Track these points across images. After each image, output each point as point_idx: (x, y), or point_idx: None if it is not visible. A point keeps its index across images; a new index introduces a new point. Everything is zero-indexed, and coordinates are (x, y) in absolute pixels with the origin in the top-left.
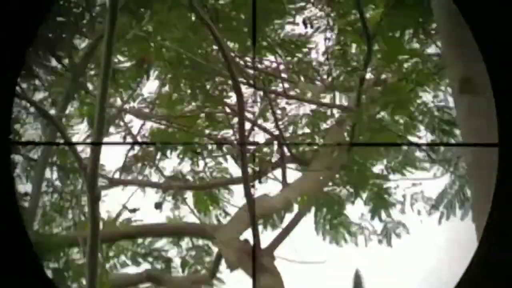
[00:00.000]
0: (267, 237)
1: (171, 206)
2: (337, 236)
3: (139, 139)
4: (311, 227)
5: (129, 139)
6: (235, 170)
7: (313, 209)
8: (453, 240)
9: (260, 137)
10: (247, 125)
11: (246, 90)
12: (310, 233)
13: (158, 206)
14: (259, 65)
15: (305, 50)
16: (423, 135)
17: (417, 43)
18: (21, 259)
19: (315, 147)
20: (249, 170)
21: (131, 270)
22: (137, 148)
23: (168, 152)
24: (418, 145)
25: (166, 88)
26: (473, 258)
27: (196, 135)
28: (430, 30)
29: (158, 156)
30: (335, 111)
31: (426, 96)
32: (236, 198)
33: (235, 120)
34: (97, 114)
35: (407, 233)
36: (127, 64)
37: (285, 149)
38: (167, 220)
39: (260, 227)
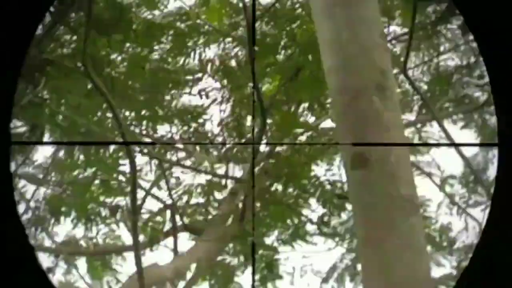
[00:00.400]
0: None
1: (63, 271)
2: None
3: (32, 204)
4: None
5: (23, 204)
6: (127, 238)
7: (206, 278)
8: None
9: (153, 205)
10: (141, 193)
11: (141, 158)
12: None
13: (50, 270)
14: (154, 135)
15: (200, 120)
16: (315, 208)
17: (313, 116)
18: (21, 259)
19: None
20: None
21: None
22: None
23: (62, 218)
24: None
25: (61, 154)
26: (472, 258)
27: (90, 201)
28: (326, 103)
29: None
30: (229, 182)
31: (319, 170)
32: (128, 265)
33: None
34: None
35: None
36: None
37: (178, 218)
38: (59, 285)
39: None
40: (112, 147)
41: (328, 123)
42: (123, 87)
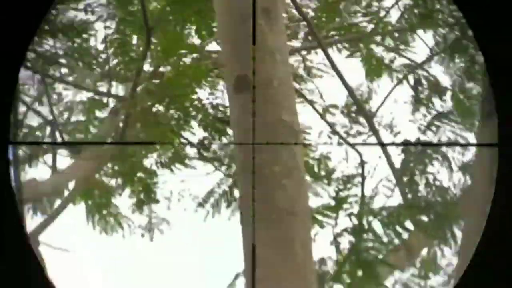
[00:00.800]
0: (36, 222)
1: None
2: (106, 226)
3: None
4: (83, 215)
5: None
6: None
7: (83, 198)
8: (218, 239)
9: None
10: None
11: (24, 72)
12: (80, 221)
13: None
14: (39, 49)
15: (85, 36)
16: (196, 131)
17: (199, 39)
18: (21, 260)
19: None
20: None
21: None
22: None
23: None
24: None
25: None
26: (472, 259)
27: None
28: (213, 27)
29: None
30: (111, 100)
31: (202, 93)
32: None
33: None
34: None
35: (170, 229)
36: None
37: (58, 135)
38: None
39: (30, 212)
40: None
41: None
42: None
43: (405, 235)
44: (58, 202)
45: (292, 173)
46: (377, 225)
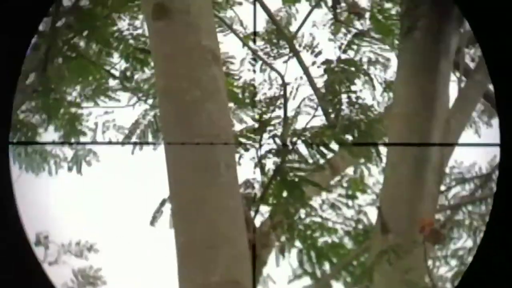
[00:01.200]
0: None
1: None
2: (32, 163)
3: None
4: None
5: None
6: None
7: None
8: (145, 169)
9: None
10: None
11: None
12: None
13: None
14: None
15: None
16: (118, 62)
17: None
18: (20, 258)
19: None
20: None
21: None
22: None
23: None
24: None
25: None
26: (473, 259)
27: None
28: None
29: None
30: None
31: (122, 23)
32: None
33: None
34: None
35: (97, 161)
36: None
37: None
38: None
39: None
40: None
41: None
42: None
43: (330, 155)
44: None
45: (214, 97)
46: (301, 146)
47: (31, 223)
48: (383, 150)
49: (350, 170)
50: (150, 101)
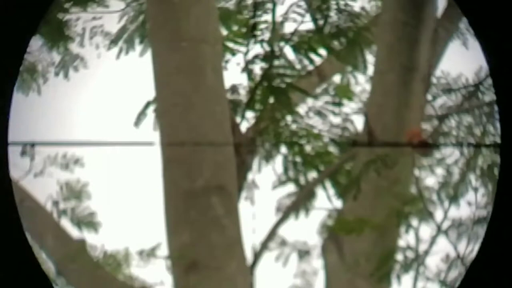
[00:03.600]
0: None
1: None
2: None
3: None
4: None
5: None
6: None
7: None
8: (131, 77)
9: None
10: None
11: None
12: None
13: None
14: None
15: None
16: None
17: None
18: (20, 262)
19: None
20: None
21: None
22: None
23: None
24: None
25: None
26: (474, 259)
27: None
28: None
29: None
30: None
31: None
32: None
33: None
34: None
35: (84, 67)
36: None
37: None
38: None
39: None
40: None
41: None
42: None
43: (317, 61)
44: None
45: (202, 0)
46: (288, 51)
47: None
48: (370, 58)
49: (337, 78)
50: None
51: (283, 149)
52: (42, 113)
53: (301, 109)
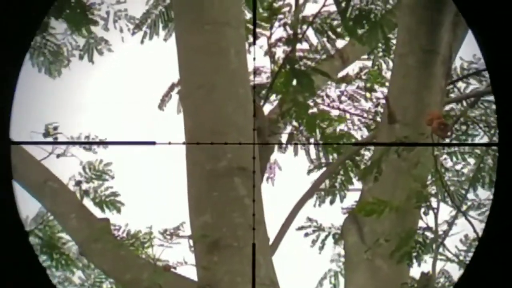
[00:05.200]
0: None
1: None
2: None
3: None
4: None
5: None
6: None
7: None
8: (155, 61)
9: None
10: None
11: None
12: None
13: None
14: None
15: None
16: None
17: None
18: (21, 262)
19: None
20: None
21: None
22: None
23: None
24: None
25: None
26: (472, 259)
27: None
28: None
29: None
30: None
31: None
32: None
33: None
34: None
35: (109, 50)
36: None
37: None
38: None
39: None
40: None
41: None
42: None
43: (340, 44)
44: None
45: None
46: (311, 36)
47: (41, 114)
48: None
49: (368, 63)
50: None
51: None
52: (66, 96)
53: (333, 93)
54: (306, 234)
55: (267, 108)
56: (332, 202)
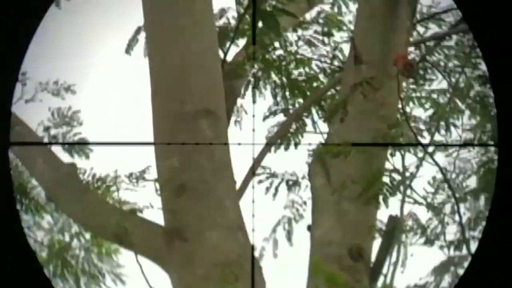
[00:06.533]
0: None
1: None
2: None
3: None
4: None
5: None
6: None
7: None
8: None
9: None
10: None
11: None
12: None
13: None
14: None
15: None
16: None
17: None
18: (21, 262)
19: None
20: None
21: None
22: None
23: None
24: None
25: None
26: (472, 259)
27: None
28: None
29: None
30: None
31: None
32: None
33: None
34: None
35: None
36: None
37: None
38: None
39: None
40: None
41: None
42: None
43: None
44: None
45: None
46: None
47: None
48: None
49: (327, 6)
50: None
51: (272, 74)
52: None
53: (291, 36)
54: (260, 181)
55: (233, 51)
56: (286, 148)
